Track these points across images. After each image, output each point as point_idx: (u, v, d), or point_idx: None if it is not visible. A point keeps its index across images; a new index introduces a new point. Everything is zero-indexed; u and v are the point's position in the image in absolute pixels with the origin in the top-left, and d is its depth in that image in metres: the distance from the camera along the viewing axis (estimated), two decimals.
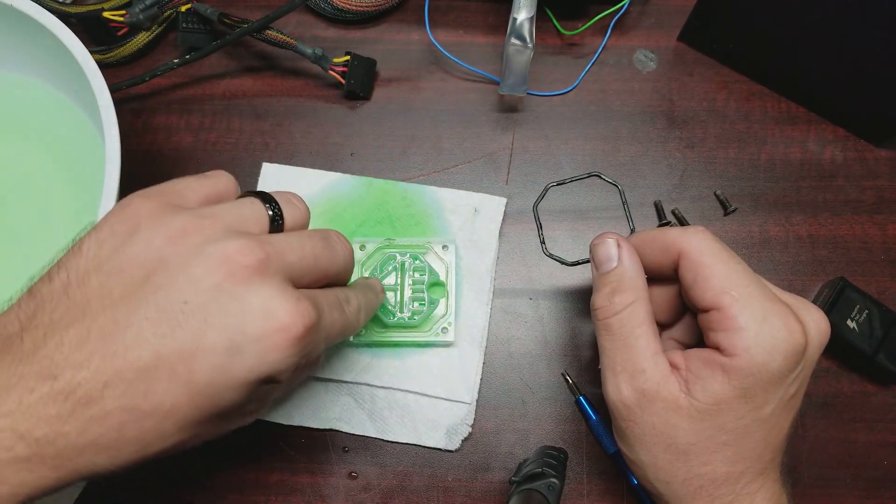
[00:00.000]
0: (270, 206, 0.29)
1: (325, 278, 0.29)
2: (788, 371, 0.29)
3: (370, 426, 0.41)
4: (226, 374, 0.24)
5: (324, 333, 0.27)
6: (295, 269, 0.27)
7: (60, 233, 0.42)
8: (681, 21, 0.48)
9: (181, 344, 0.24)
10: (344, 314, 0.30)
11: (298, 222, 0.30)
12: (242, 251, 0.25)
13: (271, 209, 0.29)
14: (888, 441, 0.41)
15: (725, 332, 0.29)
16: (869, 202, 0.45)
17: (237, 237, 0.26)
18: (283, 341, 0.25)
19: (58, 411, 0.23)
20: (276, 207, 0.29)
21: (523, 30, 0.40)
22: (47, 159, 0.44)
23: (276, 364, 0.25)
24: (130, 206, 0.27)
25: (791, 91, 0.47)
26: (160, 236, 0.25)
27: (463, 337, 0.42)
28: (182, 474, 0.40)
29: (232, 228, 0.26)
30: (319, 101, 0.48)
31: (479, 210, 0.44)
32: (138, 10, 0.44)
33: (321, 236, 0.29)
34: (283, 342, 0.25)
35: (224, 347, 0.24)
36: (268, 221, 0.28)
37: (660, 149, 0.46)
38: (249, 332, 0.24)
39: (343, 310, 0.30)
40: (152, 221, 0.26)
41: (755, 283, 0.30)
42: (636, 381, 0.30)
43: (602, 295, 0.32)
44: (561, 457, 0.38)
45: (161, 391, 0.24)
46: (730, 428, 0.29)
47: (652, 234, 0.33)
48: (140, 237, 0.25)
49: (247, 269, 0.25)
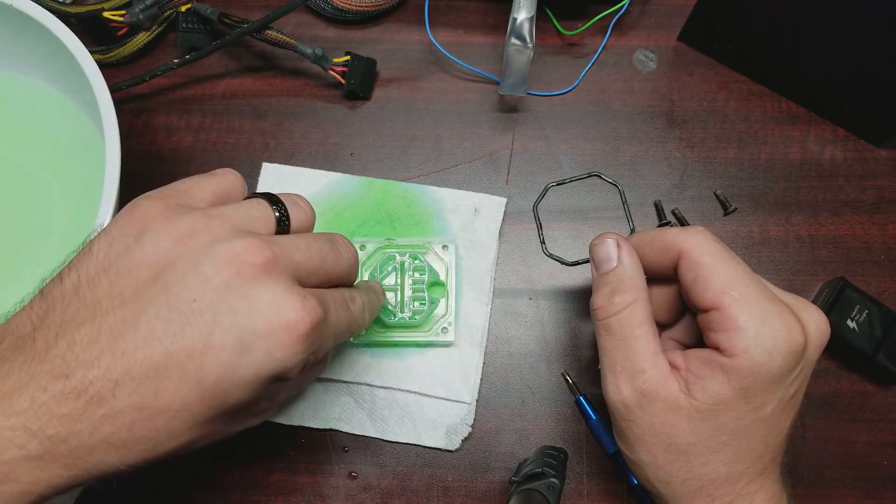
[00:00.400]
0: (277, 207, 0.29)
1: (330, 280, 0.30)
2: (788, 371, 0.29)
3: (370, 426, 0.41)
4: (235, 372, 0.24)
5: (331, 330, 0.28)
6: (301, 269, 0.27)
7: (60, 233, 0.42)
8: (681, 21, 0.48)
9: (191, 342, 0.24)
10: (350, 312, 0.30)
11: (304, 224, 0.30)
12: (250, 250, 0.25)
13: (278, 210, 0.29)
14: (888, 441, 0.41)
15: (725, 332, 0.29)
16: (869, 202, 0.45)
17: (245, 237, 0.26)
18: (290, 338, 0.25)
19: (70, 410, 0.23)
20: (283, 209, 0.29)
21: (523, 30, 0.40)
22: (47, 159, 0.44)
23: (285, 361, 0.25)
24: (139, 207, 0.27)
25: (791, 91, 0.47)
26: (169, 236, 0.26)
27: (463, 337, 0.42)
28: (182, 474, 0.40)
29: (239, 228, 0.27)
30: (319, 101, 0.48)
31: (479, 210, 0.44)
32: (138, 10, 0.44)
33: (327, 239, 0.30)
34: (291, 339, 0.25)
35: (233, 345, 0.24)
36: (274, 223, 0.29)
37: (660, 149, 0.46)
38: (258, 329, 0.24)
39: (349, 307, 0.30)
40: (160, 222, 0.26)
41: (755, 284, 0.29)
42: (636, 381, 0.30)
43: (601, 295, 0.32)
44: (561, 457, 0.38)
45: (171, 389, 0.24)
46: (730, 428, 0.29)
47: (651, 235, 0.33)
48: (148, 238, 0.26)
49: (255, 268, 0.25)
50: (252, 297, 0.25)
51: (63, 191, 0.43)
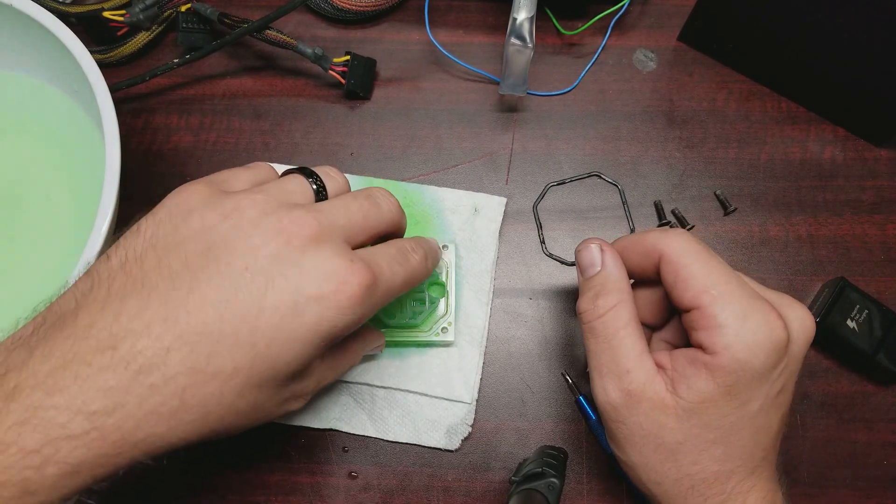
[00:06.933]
0: (313, 179, 0.30)
1: (378, 234, 0.31)
2: (772, 367, 0.29)
3: (370, 426, 0.41)
4: (287, 335, 0.25)
5: (385, 286, 0.28)
6: (347, 231, 0.28)
7: (60, 232, 0.42)
8: (681, 21, 0.48)
9: (244, 307, 0.25)
10: (406, 264, 0.30)
11: (340, 191, 0.32)
12: (297, 221, 0.26)
13: (314, 183, 0.30)
14: (888, 441, 0.41)
15: (706, 330, 0.29)
16: (869, 202, 0.45)
17: (290, 209, 0.27)
18: (340, 300, 0.26)
19: (117, 381, 0.24)
20: (319, 180, 0.31)
21: (523, 30, 0.40)
22: (47, 159, 0.44)
23: (335, 321, 0.26)
24: (185, 190, 0.28)
25: (791, 91, 0.47)
26: (216, 213, 0.27)
27: (463, 337, 0.42)
28: (183, 475, 0.40)
29: (282, 202, 0.28)
30: (319, 101, 0.48)
31: (479, 210, 0.44)
32: (138, 10, 0.44)
33: (365, 195, 0.31)
34: (341, 301, 0.26)
35: (285, 308, 0.25)
36: (313, 194, 0.30)
37: (660, 149, 0.46)
38: (309, 292, 0.25)
39: (406, 260, 0.30)
40: (206, 202, 0.27)
41: (734, 281, 0.30)
42: (622, 382, 0.30)
43: (586, 298, 0.33)
44: (561, 456, 0.38)
45: (224, 353, 0.25)
46: (717, 426, 0.29)
47: (633, 239, 0.33)
48: (196, 216, 0.27)
49: (302, 238, 0.26)
50: (302, 264, 0.26)
51: (63, 190, 0.43)
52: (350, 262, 0.27)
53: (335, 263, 0.26)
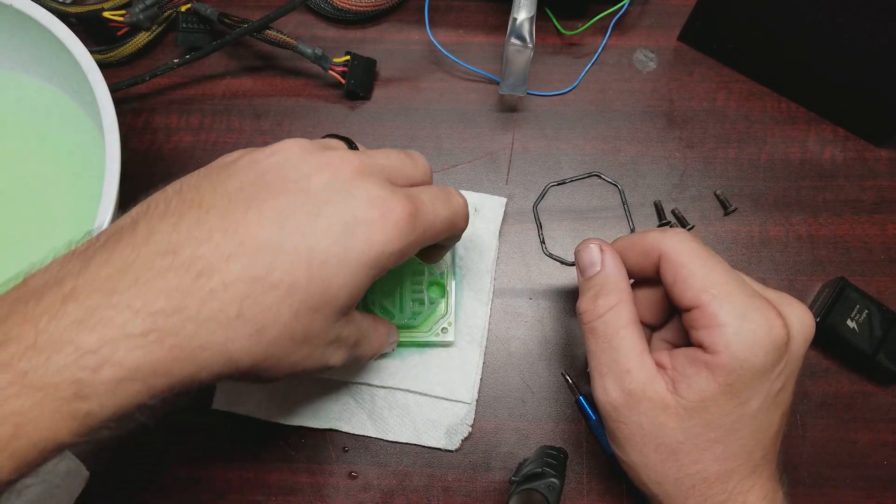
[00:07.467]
0: (349, 144, 0.32)
1: (413, 183, 0.31)
2: (772, 366, 0.29)
3: (370, 426, 0.41)
4: (339, 257, 0.26)
5: (427, 221, 0.29)
6: (387, 171, 0.30)
7: (60, 232, 0.42)
8: (681, 21, 0.48)
9: (301, 225, 0.26)
10: (448, 205, 0.31)
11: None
12: (343, 157, 0.28)
13: (349, 145, 0.32)
14: (888, 441, 0.41)
15: (706, 329, 0.29)
16: (869, 202, 0.45)
17: (335, 149, 0.29)
18: (386, 225, 0.27)
19: (178, 283, 0.24)
20: (354, 146, 0.32)
21: (523, 30, 0.40)
22: (47, 159, 0.44)
23: (382, 247, 0.27)
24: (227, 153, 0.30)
25: (791, 91, 0.47)
26: (262, 154, 0.28)
27: (463, 337, 0.42)
28: (182, 474, 0.40)
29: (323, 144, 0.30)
30: (319, 101, 0.48)
31: (479, 210, 0.44)
32: (138, 10, 0.44)
33: (400, 150, 0.32)
34: (386, 226, 0.27)
35: (338, 230, 0.26)
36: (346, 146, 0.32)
37: (660, 149, 0.46)
38: (359, 216, 0.27)
39: (448, 200, 0.31)
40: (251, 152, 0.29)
41: (734, 280, 0.30)
42: (622, 382, 0.30)
43: (586, 299, 0.33)
44: (561, 456, 0.38)
45: (283, 267, 0.25)
46: (717, 425, 0.29)
47: (633, 239, 0.33)
48: (244, 159, 0.28)
49: (349, 171, 0.28)
50: (351, 192, 0.27)
51: (63, 190, 0.43)
52: (393, 191, 0.28)
53: (379, 193, 0.27)
